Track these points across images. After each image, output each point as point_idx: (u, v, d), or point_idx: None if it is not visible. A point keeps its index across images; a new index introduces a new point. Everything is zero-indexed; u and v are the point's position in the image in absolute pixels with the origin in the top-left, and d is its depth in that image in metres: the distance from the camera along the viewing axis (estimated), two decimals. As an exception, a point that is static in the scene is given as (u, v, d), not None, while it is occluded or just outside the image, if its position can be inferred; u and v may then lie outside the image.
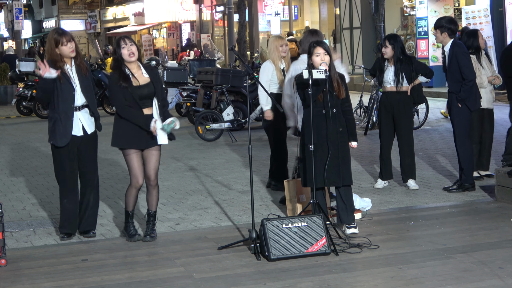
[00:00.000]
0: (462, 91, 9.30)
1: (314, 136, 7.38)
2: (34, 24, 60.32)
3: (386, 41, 9.60)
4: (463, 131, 9.47)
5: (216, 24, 40.26)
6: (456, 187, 9.58)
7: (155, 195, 7.74)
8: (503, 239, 7.36)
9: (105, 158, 13.25)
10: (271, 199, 9.54)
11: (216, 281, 6.40)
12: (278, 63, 9.62)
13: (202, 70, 17.61)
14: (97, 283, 6.47)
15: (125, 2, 49.13)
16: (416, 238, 7.52)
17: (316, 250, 6.92)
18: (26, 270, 6.91)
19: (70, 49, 7.67)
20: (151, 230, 7.75)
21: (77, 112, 7.74)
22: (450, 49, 9.36)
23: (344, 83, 7.69)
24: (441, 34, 9.42)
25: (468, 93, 9.32)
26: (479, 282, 6.14)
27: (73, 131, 7.75)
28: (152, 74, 7.67)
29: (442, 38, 9.44)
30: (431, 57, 23.15)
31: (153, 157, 7.65)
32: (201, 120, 15.43)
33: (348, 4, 28.98)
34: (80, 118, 7.77)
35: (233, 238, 7.56)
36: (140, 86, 7.49)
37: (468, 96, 9.32)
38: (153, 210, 7.76)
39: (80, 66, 7.78)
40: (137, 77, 7.51)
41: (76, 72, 7.75)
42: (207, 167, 12.24)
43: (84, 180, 7.97)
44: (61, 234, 7.97)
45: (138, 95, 7.45)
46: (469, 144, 9.51)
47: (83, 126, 7.79)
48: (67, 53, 7.67)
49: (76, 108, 7.72)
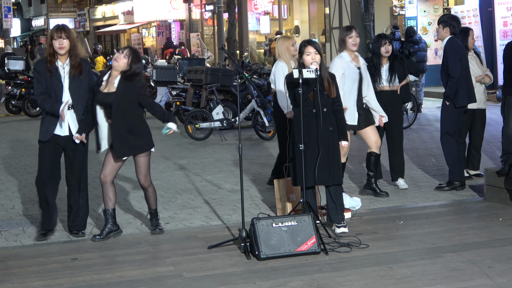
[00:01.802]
0: (447, 87, 9.36)
1: (304, 135, 7.39)
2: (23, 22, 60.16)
3: (387, 39, 9.63)
4: (448, 129, 9.51)
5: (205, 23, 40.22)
6: (445, 184, 9.63)
7: (149, 195, 7.92)
8: (492, 238, 7.39)
9: (94, 157, 13.22)
10: (261, 198, 9.55)
11: (206, 280, 6.40)
12: (290, 63, 9.63)
13: (191, 69, 17.59)
14: (86, 282, 6.45)
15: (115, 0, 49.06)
16: (406, 237, 7.53)
17: (306, 249, 6.92)
18: (16, 269, 6.88)
19: (59, 45, 7.60)
20: (154, 226, 7.97)
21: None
22: (445, 45, 9.42)
23: (334, 83, 7.69)
24: (443, 29, 9.46)
25: (453, 89, 9.36)
26: (469, 281, 6.16)
27: (57, 130, 7.69)
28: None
29: (443, 33, 9.48)
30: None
31: (138, 162, 7.76)
32: (190, 119, 15.42)
33: (338, 3, 28.98)
34: (68, 118, 7.71)
35: (223, 237, 7.56)
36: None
37: (453, 92, 9.36)
38: (153, 208, 7.97)
39: (75, 66, 7.69)
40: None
41: (69, 72, 7.69)
42: (196, 166, 12.23)
43: (73, 181, 7.93)
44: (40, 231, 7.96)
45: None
46: (453, 143, 9.54)
47: (69, 126, 7.72)
48: (56, 48, 7.61)
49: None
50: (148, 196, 7.92)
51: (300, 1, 36.74)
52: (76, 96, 7.71)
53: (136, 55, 7.67)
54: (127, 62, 7.56)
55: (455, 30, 9.47)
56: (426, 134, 14.91)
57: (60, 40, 7.62)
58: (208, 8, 38.66)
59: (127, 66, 7.57)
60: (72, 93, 7.69)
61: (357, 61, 8.94)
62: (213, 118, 15.37)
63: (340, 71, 8.72)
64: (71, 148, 7.81)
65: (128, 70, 7.57)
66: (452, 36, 9.46)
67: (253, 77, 17.70)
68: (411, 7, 23.96)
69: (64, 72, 7.69)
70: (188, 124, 15.36)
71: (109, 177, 7.72)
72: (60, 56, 7.67)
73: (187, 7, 41.08)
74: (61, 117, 7.59)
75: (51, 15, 54.44)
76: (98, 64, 28.53)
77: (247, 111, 15.53)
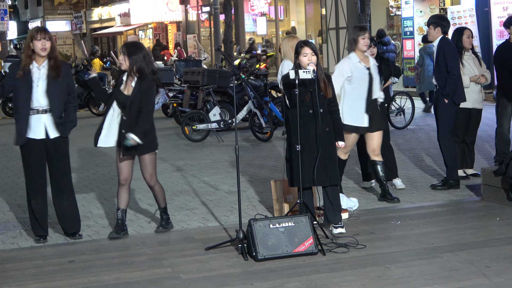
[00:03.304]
0: (447, 85, 9.37)
1: (301, 136, 7.39)
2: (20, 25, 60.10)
3: (372, 42, 9.61)
4: (447, 128, 9.54)
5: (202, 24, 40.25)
6: (441, 184, 9.64)
7: (156, 193, 8.04)
8: (490, 238, 7.39)
9: (91, 159, 13.22)
10: (258, 199, 9.54)
11: (204, 281, 6.39)
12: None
13: (188, 70, 17.59)
14: (84, 285, 6.44)
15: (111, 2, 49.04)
16: (403, 238, 7.53)
17: (304, 250, 6.92)
18: (13, 271, 6.88)
19: (42, 45, 7.53)
20: (159, 224, 8.16)
21: (42, 114, 7.60)
22: (438, 44, 9.44)
23: (330, 83, 7.70)
24: (434, 29, 9.49)
25: (453, 86, 9.38)
26: (466, 281, 6.15)
27: (34, 133, 7.62)
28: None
29: (435, 34, 9.50)
30: (416, 56, 23.21)
31: (143, 161, 7.82)
32: (187, 120, 15.41)
33: (334, 4, 29.01)
34: (45, 121, 7.63)
35: (220, 239, 7.55)
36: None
37: (453, 90, 9.39)
38: (161, 207, 8.09)
39: (53, 69, 7.60)
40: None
41: (47, 74, 7.61)
42: (194, 167, 12.23)
43: (56, 184, 7.87)
44: (36, 237, 7.92)
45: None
46: (452, 141, 9.57)
47: (46, 129, 7.64)
48: (38, 49, 7.53)
49: (38, 110, 7.58)
50: (155, 194, 8.04)
51: (296, 2, 36.77)
52: (53, 99, 7.62)
53: (130, 48, 7.67)
54: (127, 60, 7.60)
55: (445, 30, 9.52)
56: (423, 134, 14.92)
57: (43, 41, 7.55)
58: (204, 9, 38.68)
59: (128, 64, 7.61)
60: (49, 95, 7.59)
61: (366, 61, 8.92)
62: (210, 120, 15.36)
63: (342, 73, 8.75)
64: (53, 151, 7.74)
65: (132, 68, 7.61)
66: (443, 36, 9.49)
67: (250, 78, 17.71)
68: (408, 8, 23.98)
69: (40, 74, 7.61)
70: (185, 125, 15.36)
71: (129, 180, 7.88)
72: (38, 57, 7.59)
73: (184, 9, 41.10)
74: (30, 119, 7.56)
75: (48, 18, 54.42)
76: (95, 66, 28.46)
77: (244, 112, 15.52)
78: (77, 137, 16.74)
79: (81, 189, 10.67)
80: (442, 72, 9.41)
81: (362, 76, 8.83)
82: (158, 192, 8.00)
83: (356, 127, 8.91)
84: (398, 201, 9.03)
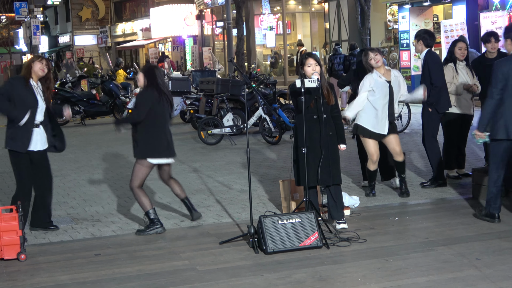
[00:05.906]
0: (431, 95, 9.36)
1: (306, 139, 7.38)
2: (50, 39, 60.27)
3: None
4: (430, 133, 9.60)
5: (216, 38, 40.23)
6: (430, 183, 9.66)
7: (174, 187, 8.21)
8: (480, 232, 7.36)
9: (115, 161, 13.24)
10: (268, 198, 9.53)
11: (218, 273, 6.39)
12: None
13: (204, 80, 17.59)
14: (109, 276, 6.45)
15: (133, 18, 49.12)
16: (401, 232, 7.50)
17: (309, 244, 6.91)
18: (44, 264, 6.90)
19: (43, 67, 7.87)
20: (190, 211, 8.30)
21: (36, 128, 7.86)
22: (424, 57, 9.44)
23: (333, 91, 7.69)
24: (417, 42, 9.50)
25: (437, 97, 9.38)
26: (458, 272, 6.13)
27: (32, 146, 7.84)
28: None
29: (420, 47, 9.50)
30: (412, 66, 23.17)
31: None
32: (203, 126, 15.43)
33: (337, 19, 29.01)
34: (39, 134, 7.89)
35: (233, 234, 7.55)
36: None
37: (436, 100, 9.38)
38: (182, 197, 8.21)
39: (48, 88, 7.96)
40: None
41: (42, 92, 7.92)
42: (209, 168, 12.22)
43: (42, 185, 8.03)
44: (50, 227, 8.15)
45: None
46: (436, 145, 9.60)
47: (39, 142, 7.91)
48: (37, 69, 7.85)
49: (35, 124, 7.84)
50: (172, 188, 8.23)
51: (302, 17, 36.73)
52: (46, 114, 7.94)
53: (147, 74, 7.81)
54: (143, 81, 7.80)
55: (428, 43, 9.48)
56: (419, 137, 14.83)
57: (43, 65, 7.89)
58: (218, 24, 38.69)
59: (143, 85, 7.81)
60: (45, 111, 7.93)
61: (387, 75, 8.94)
62: (224, 125, 15.36)
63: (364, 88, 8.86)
64: (42, 158, 7.97)
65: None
66: (429, 49, 9.47)
67: (260, 87, 17.69)
68: (404, 22, 23.91)
69: (37, 90, 7.90)
70: (201, 130, 15.38)
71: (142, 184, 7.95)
72: (35, 76, 7.88)
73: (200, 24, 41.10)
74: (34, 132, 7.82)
75: (76, 32, 54.51)
76: (119, 77, 28.52)
77: (254, 118, 15.51)
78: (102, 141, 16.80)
79: (106, 188, 10.68)
80: (427, 83, 9.38)
81: (383, 90, 8.85)
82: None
83: (372, 132, 8.93)
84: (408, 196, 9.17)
